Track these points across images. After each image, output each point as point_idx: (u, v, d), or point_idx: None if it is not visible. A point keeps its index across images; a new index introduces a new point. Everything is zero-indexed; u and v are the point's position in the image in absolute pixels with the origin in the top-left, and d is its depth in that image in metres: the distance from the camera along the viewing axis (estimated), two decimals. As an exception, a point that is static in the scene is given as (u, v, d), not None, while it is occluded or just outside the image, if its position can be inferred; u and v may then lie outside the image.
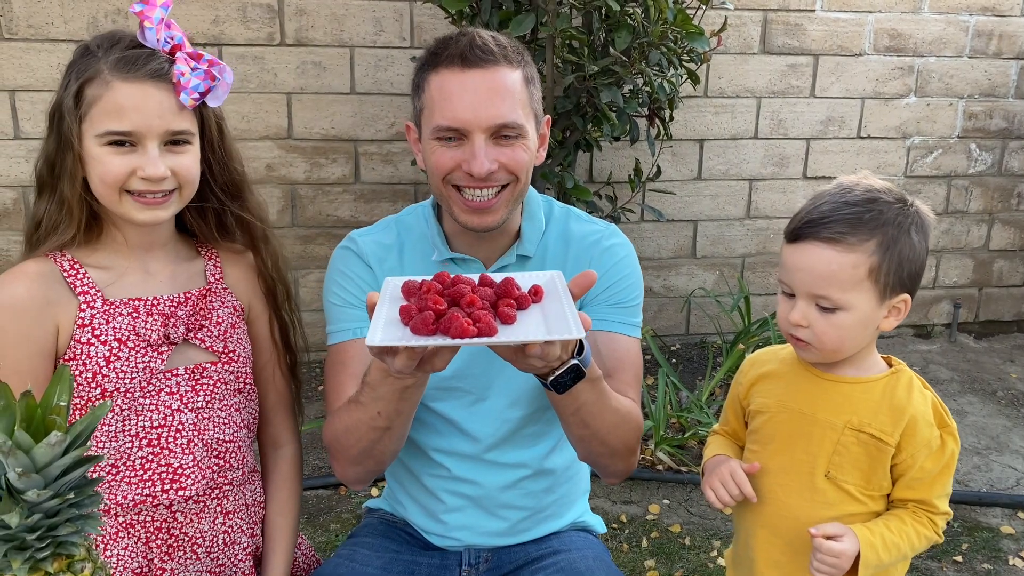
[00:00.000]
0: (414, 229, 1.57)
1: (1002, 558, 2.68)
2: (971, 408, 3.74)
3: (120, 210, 1.31)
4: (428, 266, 1.53)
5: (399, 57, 3.72)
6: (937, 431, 1.33)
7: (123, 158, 1.28)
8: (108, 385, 1.31)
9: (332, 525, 2.78)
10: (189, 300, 1.40)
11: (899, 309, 1.32)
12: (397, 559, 1.56)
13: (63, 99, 1.29)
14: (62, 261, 1.33)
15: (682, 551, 2.68)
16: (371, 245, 1.54)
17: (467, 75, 1.37)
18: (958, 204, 4.52)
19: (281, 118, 3.71)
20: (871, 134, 4.30)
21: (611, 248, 1.55)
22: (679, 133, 4.00)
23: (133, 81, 1.27)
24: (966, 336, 4.62)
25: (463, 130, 1.38)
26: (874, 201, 1.29)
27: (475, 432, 1.53)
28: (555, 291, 1.21)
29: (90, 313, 1.31)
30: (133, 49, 1.29)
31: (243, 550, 1.46)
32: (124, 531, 1.35)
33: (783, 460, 1.39)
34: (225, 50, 3.60)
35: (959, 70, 4.30)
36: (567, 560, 1.50)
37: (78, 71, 1.29)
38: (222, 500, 1.42)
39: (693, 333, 4.38)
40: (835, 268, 1.27)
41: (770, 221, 4.31)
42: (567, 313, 1.12)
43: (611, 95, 2.91)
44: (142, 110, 1.27)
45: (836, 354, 1.34)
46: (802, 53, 4.11)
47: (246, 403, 1.47)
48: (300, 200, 3.82)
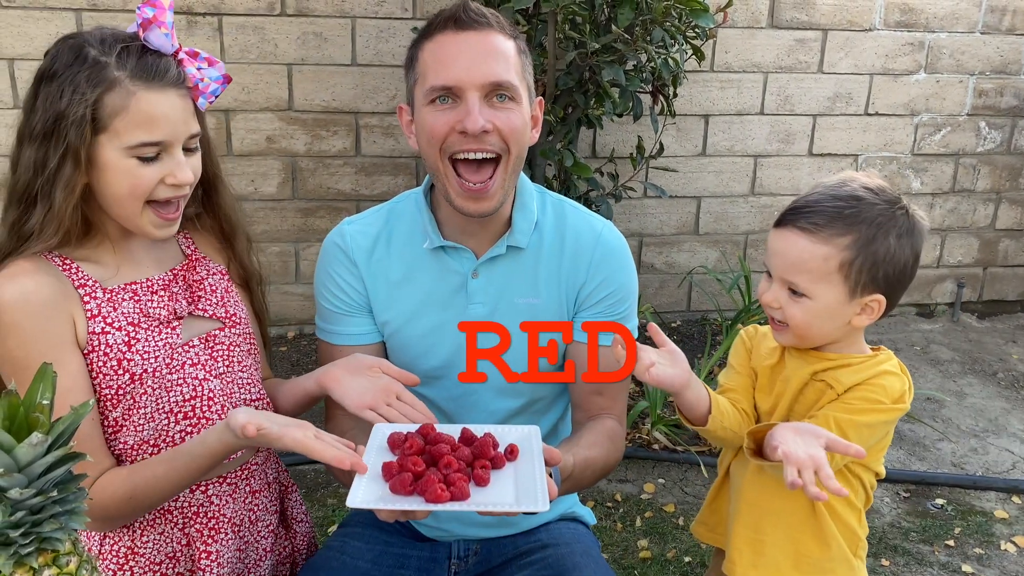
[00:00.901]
0: (405, 217, 1.56)
1: (994, 543, 2.70)
2: (971, 390, 3.74)
3: (138, 223, 1.31)
4: (417, 255, 1.52)
5: (401, 28, 3.67)
6: (889, 404, 1.33)
7: (152, 168, 1.28)
8: (135, 368, 1.31)
9: (329, 500, 2.81)
10: (179, 276, 1.42)
11: (872, 308, 1.36)
12: (387, 552, 1.57)
13: (67, 108, 1.23)
14: (52, 258, 1.32)
15: (675, 531, 2.70)
16: (359, 237, 1.55)
17: (461, 36, 1.38)
18: (965, 183, 4.47)
19: (282, 89, 3.68)
20: (879, 111, 4.25)
21: (609, 254, 1.55)
22: (684, 108, 3.96)
23: (159, 90, 1.26)
24: (969, 316, 4.60)
25: (456, 88, 1.37)
26: (859, 199, 1.32)
27: (463, 422, 1.53)
28: (529, 451, 1.29)
29: (95, 304, 1.31)
30: (148, 55, 1.27)
31: (266, 527, 1.50)
32: (161, 517, 1.38)
33: (766, 406, 1.47)
34: (225, 19, 3.56)
35: (970, 46, 4.23)
36: (555, 555, 1.51)
37: (90, 80, 1.23)
38: (250, 480, 1.46)
39: (694, 310, 4.37)
40: (806, 257, 1.32)
41: (775, 198, 4.28)
42: (536, 480, 1.20)
43: (613, 73, 2.87)
44: (171, 119, 1.27)
45: (805, 338, 1.39)
46: (811, 28, 4.04)
47: (257, 363, 1.51)
48: (301, 173, 3.80)
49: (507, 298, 1.53)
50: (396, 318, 1.54)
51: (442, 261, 1.52)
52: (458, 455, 1.25)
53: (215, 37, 3.56)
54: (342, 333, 1.56)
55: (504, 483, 1.24)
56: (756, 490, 1.45)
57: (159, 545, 1.39)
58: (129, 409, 1.33)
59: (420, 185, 1.59)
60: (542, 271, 1.53)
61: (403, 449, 1.27)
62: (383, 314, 1.54)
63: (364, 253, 1.54)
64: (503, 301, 1.53)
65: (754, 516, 1.45)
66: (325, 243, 1.58)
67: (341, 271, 1.54)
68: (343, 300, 1.55)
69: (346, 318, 1.55)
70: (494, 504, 1.18)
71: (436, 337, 1.53)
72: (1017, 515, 2.84)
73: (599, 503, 2.84)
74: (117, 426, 1.34)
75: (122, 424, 1.33)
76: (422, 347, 1.54)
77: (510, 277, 1.53)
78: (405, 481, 1.20)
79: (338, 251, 1.55)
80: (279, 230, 3.84)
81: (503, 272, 1.52)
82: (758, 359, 1.49)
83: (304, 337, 3.91)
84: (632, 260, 1.60)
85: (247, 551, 1.47)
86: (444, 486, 1.18)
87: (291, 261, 3.88)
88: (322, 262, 1.57)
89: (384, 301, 1.54)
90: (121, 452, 1.35)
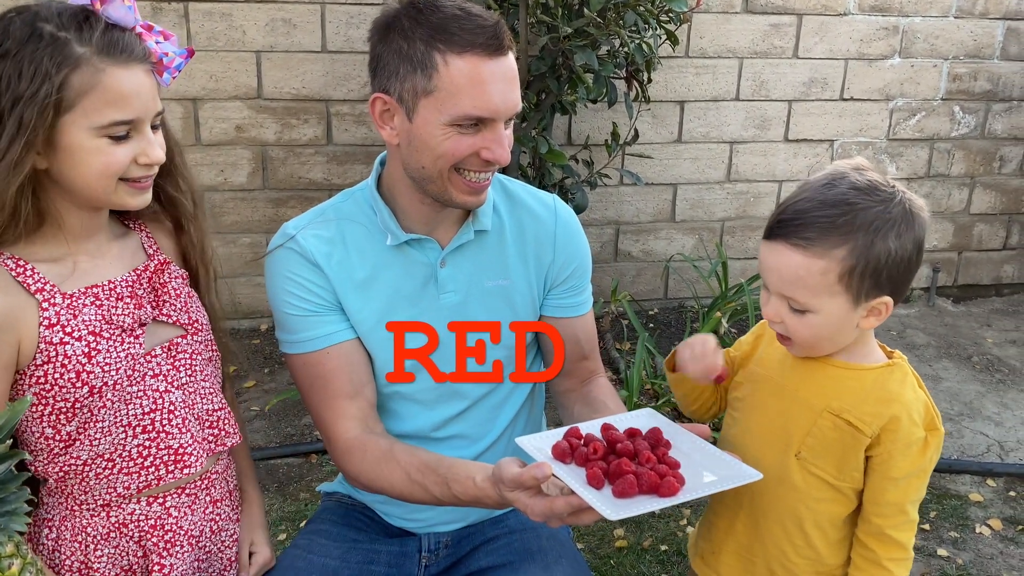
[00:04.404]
0: (357, 216, 1.48)
1: (969, 526, 2.70)
2: (946, 374, 3.75)
3: (112, 199, 1.23)
4: (380, 253, 1.47)
5: (372, 13, 3.57)
6: (922, 432, 1.28)
7: (124, 147, 1.20)
8: (95, 381, 1.23)
9: (302, 494, 2.77)
10: (142, 277, 1.34)
11: (879, 310, 1.27)
12: (356, 547, 1.53)
13: (27, 89, 1.14)
14: (5, 260, 1.21)
15: (651, 519, 2.68)
16: (312, 240, 1.45)
17: (494, 62, 1.31)
18: (940, 167, 4.48)
19: (251, 77, 3.61)
20: (854, 96, 4.24)
21: (568, 229, 1.56)
22: (659, 95, 3.93)
23: (127, 66, 1.18)
24: (944, 300, 4.62)
25: (488, 118, 1.33)
26: (851, 205, 1.22)
27: (441, 412, 1.54)
28: (673, 432, 1.30)
29: (54, 311, 1.21)
30: (112, 29, 1.19)
31: (229, 536, 1.45)
32: (116, 530, 1.32)
33: (759, 432, 1.37)
34: (191, 6, 3.48)
35: (944, 31, 4.23)
36: (520, 540, 1.50)
37: (53, 58, 1.14)
38: (210, 489, 1.41)
39: (671, 297, 4.36)
40: (802, 273, 1.23)
41: (751, 184, 4.26)
42: (714, 453, 1.24)
43: (586, 57, 2.83)
44: (141, 95, 1.20)
45: (813, 350, 1.32)
46: (786, 12, 4.02)
47: (217, 370, 1.44)
48: (271, 162, 3.74)
49: (478, 283, 1.49)
50: (368, 318, 1.46)
51: (407, 255, 1.47)
52: (641, 448, 1.24)
53: (181, 24, 3.49)
54: (315, 337, 1.44)
55: (687, 465, 1.23)
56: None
57: (114, 559, 1.33)
58: (85, 423, 1.24)
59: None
60: (509, 251, 1.51)
61: (587, 456, 1.23)
62: (354, 316, 1.46)
63: (324, 257, 1.44)
64: (474, 286, 1.49)
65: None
66: (275, 254, 1.46)
67: (303, 272, 1.44)
68: (310, 301, 1.44)
69: (316, 318, 1.44)
70: (707, 487, 1.18)
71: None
72: (992, 498, 2.85)
73: (576, 493, 2.82)
74: (70, 440, 1.25)
75: (75, 438, 1.25)
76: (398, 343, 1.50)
77: (478, 262, 1.49)
78: (631, 484, 1.16)
79: (294, 255, 1.44)
80: (250, 220, 3.78)
81: (470, 257, 1.49)
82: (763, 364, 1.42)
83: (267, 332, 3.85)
84: (580, 225, 1.62)
85: (210, 562, 1.42)
86: (661, 479, 1.17)
87: (262, 252, 3.80)
88: (277, 271, 1.46)
89: (353, 303, 1.46)
90: (70, 468, 1.27)
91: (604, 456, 1.23)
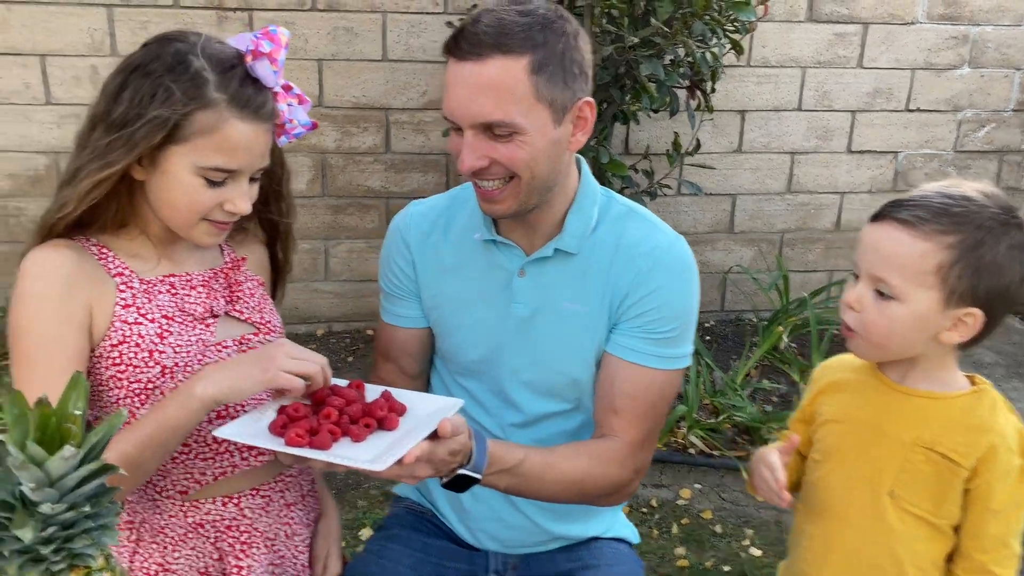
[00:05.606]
0: (467, 204, 1.52)
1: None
2: (1016, 395, 3.62)
3: (191, 233, 1.29)
4: (470, 245, 1.49)
5: (432, 23, 3.62)
6: (1019, 460, 1.23)
7: (215, 191, 1.24)
8: (166, 361, 1.27)
9: (360, 502, 2.77)
10: (219, 274, 1.39)
11: (966, 324, 1.21)
12: (427, 560, 1.53)
13: (153, 109, 1.19)
14: (89, 245, 1.29)
15: (713, 538, 2.63)
16: (419, 219, 1.54)
17: (460, 67, 1.28)
18: (1010, 180, 4.34)
19: (312, 85, 3.64)
20: (920, 107, 4.13)
21: (659, 266, 1.42)
22: (720, 104, 3.87)
23: (250, 122, 1.23)
24: (1012, 317, 4.47)
25: (456, 124, 1.31)
26: (970, 199, 1.18)
27: (504, 418, 1.52)
28: (424, 419, 1.25)
29: (131, 294, 1.28)
30: (250, 83, 1.24)
31: (303, 541, 1.46)
32: (194, 531, 1.35)
33: (845, 473, 1.31)
34: (255, 15, 3.53)
35: (1017, 40, 4.10)
36: None
37: (187, 92, 1.19)
38: (284, 492, 1.43)
39: (729, 310, 4.28)
40: (902, 251, 1.18)
41: (811, 196, 4.18)
42: (403, 444, 1.17)
43: (652, 67, 2.80)
44: (252, 150, 1.25)
45: (881, 349, 1.25)
46: (851, 21, 3.94)
47: None
48: (331, 169, 3.76)
49: (551, 301, 1.46)
50: (443, 304, 1.52)
51: (491, 254, 1.48)
52: (345, 410, 1.24)
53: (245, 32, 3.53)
54: (393, 313, 1.58)
55: (378, 443, 1.21)
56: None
57: (191, 560, 1.35)
58: None
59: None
60: (591, 279, 1.44)
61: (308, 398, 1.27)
62: (430, 299, 1.53)
63: (420, 235, 1.53)
64: (547, 304, 1.46)
65: None
66: (392, 223, 1.59)
67: (396, 256, 1.55)
68: (395, 284, 1.56)
69: (398, 300, 1.57)
70: (342, 458, 1.16)
71: (478, 331, 1.49)
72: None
73: (634, 508, 2.78)
74: None
75: None
76: (464, 338, 1.51)
77: (557, 281, 1.46)
78: (276, 424, 1.21)
79: (396, 234, 1.56)
80: (309, 227, 3.81)
81: (551, 274, 1.46)
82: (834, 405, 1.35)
83: (333, 335, 3.88)
84: (695, 282, 1.45)
85: (283, 566, 1.43)
86: (304, 433, 1.18)
87: (320, 258, 3.85)
88: (385, 243, 1.59)
89: (433, 285, 1.52)
90: None
91: (304, 417, 1.24)
